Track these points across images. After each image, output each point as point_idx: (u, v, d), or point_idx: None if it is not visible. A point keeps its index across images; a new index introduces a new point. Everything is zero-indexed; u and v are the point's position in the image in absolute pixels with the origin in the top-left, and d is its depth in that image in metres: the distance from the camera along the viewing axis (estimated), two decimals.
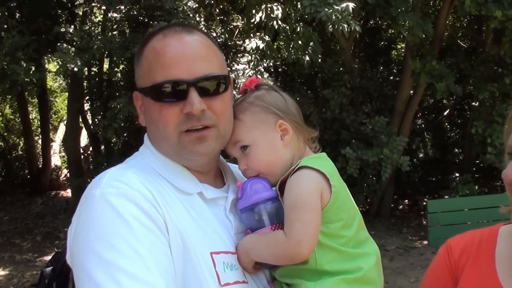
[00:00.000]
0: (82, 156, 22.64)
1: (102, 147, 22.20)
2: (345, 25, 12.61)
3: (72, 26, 16.22)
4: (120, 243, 2.11)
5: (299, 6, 13.80)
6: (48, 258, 13.85)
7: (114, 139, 21.58)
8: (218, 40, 17.53)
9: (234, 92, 2.82)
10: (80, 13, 19.89)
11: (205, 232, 2.39)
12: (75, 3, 20.16)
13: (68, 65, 14.30)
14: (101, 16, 19.97)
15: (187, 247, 2.28)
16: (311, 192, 2.45)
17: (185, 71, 2.37)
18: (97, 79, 20.56)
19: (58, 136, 30.45)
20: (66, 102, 26.06)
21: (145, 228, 2.18)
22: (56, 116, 32.30)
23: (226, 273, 2.36)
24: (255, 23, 14.71)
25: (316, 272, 2.46)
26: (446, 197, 17.28)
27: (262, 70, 16.31)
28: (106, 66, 21.12)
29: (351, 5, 12.64)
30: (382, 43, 23.00)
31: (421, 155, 22.48)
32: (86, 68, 17.61)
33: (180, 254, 2.26)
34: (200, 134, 2.41)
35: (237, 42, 18.48)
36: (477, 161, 20.55)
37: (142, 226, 2.17)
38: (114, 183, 2.26)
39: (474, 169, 20.77)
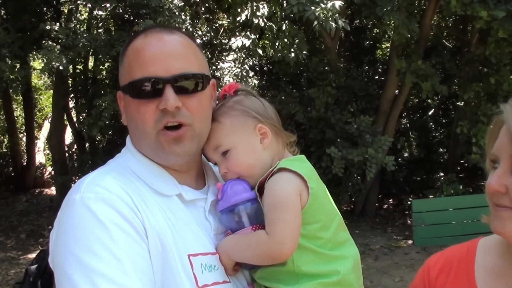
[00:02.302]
0: (67, 154, 22.55)
1: (87, 145, 22.16)
2: (333, 24, 12.62)
3: (58, 24, 16.18)
4: (99, 248, 2.13)
5: (284, 4, 13.82)
6: (32, 256, 13.84)
7: (99, 137, 21.56)
8: (204, 39, 17.55)
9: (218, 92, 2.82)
10: (66, 10, 19.85)
11: (183, 234, 2.40)
12: (61, 1, 20.10)
13: (53, 63, 14.30)
14: (87, 14, 19.93)
15: (165, 250, 2.30)
16: (290, 193, 2.47)
17: (162, 69, 2.40)
18: (82, 77, 20.54)
19: (43, 134, 30.40)
20: (50, 99, 26.04)
21: (123, 232, 2.20)
22: (41, 113, 32.24)
23: (204, 274, 2.37)
24: (241, 21, 14.71)
25: (294, 274, 2.47)
26: (430, 196, 17.31)
27: (248, 68, 16.30)
28: (91, 64, 21.08)
29: (338, 3, 12.66)
30: (367, 42, 23.06)
31: (406, 155, 22.52)
32: (71, 66, 17.59)
33: (159, 258, 2.28)
34: (176, 134, 2.43)
35: (223, 41, 18.49)
36: (462, 161, 20.59)
37: (120, 230, 2.19)
38: (94, 188, 2.28)
39: (459, 168, 20.81)
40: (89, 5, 16.49)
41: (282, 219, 2.42)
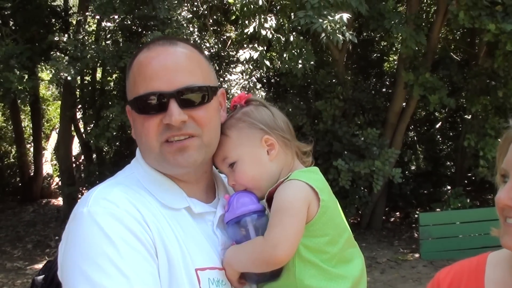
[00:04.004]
0: (74, 165, 22.56)
1: (94, 156, 22.17)
2: (340, 36, 12.61)
3: (66, 35, 16.23)
4: (107, 264, 2.12)
5: (292, 16, 13.83)
6: (38, 266, 13.83)
7: (106, 148, 21.56)
8: (211, 51, 17.56)
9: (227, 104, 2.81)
10: (74, 22, 19.91)
11: (191, 248, 2.38)
12: (69, 12, 20.19)
13: (61, 74, 14.33)
14: (95, 25, 19.98)
15: (172, 265, 2.28)
16: (297, 200, 2.46)
17: (165, 83, 2.38)
18: (90, 88, 20.55)
19: (50, 144, 30.40)
20: (58, 110, 26.06)
21: (132, 249, 2.18)
22: (48, 124, 32.23)
23: None
24: (249, 33, 14.73)
25: None
26: (437, 210, 17.28)
27: (255, 80, 16.30)
28: (99, 75, 21.12)
29: (346, 16, 12.65)
30: (375, 55, 23.03)
31: (413, 168, 22.45)
32: (79, 77, 17.62)
33: (166, 273, 2.26)
34: (181, 145, 2.41)
35: (230, 53, 18.52)
36: (469, 174, 20.56)
37: (128, 246, 2.18)
38: (102, 202, 2.27)
39: (466, 182, 20.76)
40: (98, 17, 16.53)
41: (281, 224, 2.41)
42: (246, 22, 14.98)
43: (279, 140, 2.70)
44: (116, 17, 15.60)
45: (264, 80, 19.42)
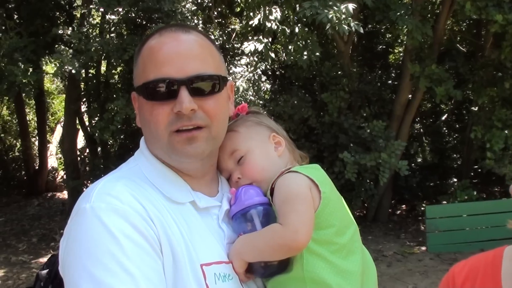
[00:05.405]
0: (79, 158, 22.59)
1: (99, 149, 22.19)
2: (345, 27, 12.56)
3: (70, 28, 16.20)
4: (110, 261, 2.07)
5: (297, 8, 13.79)
6: (43, 260, 13.85)
7: (111, 141, 21.58)
8: (216, 43, 17.55)
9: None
10: (78, 15, 19.90)
11: (196, 243, 2.35)
12: (73, 5, 20.19)
13: (66, 67, 14.34)
14: (99, 18, 19.95)
15: (177, 261, 2.24)
16: (302, 186, 2.48)
17: (177, 69, 2.34)
18: (94, 81, 20.56)
19: (55, 138, 30.50)
20: (63, 103, 26.14)
21: (136, 246, 2.14)
22: (53, 117, 32.36)
23: (218, 285, 2.32)
24: (253, 25, 14.69)
25: (302, 281, 2.43)
26: (444, 202, 17.22)
27: (260, 72, 16.27)
28: (103, 68, 21.12)
29: (351, 5, 12.60)
30: (380, 47, 22.98)
31: (419, 160, 22.42)
32: (83, 70, 17.61)
33: (171, 269, 2.23)
34: (190, 135, 2.37)
35: (235, 45, 18.48)
36: (476, 167, 20.49)
37: (132, 243, 2.13)
38: (105, 197, 2.22)
39: (472, 174, 20.71)
40: (102, 10, 16.49)
41: (296, 210, 2.41)
42: (251, 14, 14.96)
43: (285, 140, 2.80)
44: (120, 9, 15.56)
45: (269, 73, 19.40)
